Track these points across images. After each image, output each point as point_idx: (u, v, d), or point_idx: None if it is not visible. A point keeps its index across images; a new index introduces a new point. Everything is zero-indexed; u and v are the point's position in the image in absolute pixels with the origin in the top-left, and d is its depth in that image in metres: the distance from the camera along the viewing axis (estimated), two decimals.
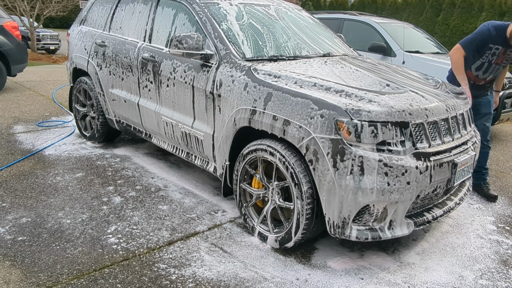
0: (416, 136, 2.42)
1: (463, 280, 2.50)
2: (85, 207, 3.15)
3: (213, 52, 3.08)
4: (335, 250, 2.74)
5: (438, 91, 2.84)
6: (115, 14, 4.25)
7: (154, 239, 2.75)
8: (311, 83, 2.58)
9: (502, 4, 11.98)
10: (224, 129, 2.94)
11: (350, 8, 15.26)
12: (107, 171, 3.86)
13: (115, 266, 2.44)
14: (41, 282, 2.27)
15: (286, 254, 2.66)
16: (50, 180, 3.60)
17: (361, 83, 2.65)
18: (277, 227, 2.74)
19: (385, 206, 2.37)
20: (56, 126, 5.26)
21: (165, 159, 4.28)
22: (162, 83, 3.46)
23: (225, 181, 3.01)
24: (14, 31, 7.12)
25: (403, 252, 2.78)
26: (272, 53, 3.18)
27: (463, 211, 3.43)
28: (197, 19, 3.28)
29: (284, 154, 2.51)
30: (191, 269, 2.46)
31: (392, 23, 6.84)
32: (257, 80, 2.75)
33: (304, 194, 2.44)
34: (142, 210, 3.15)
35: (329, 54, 3.52)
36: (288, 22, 3.67)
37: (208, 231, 2.90)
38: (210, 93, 3.03)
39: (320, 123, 2.35)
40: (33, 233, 2.75)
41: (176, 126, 3.40)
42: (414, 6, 13.74)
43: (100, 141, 4.59)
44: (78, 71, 4.69)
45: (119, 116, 4.21)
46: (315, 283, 2.39)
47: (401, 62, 6.01)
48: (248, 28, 3.28)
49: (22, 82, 8.15)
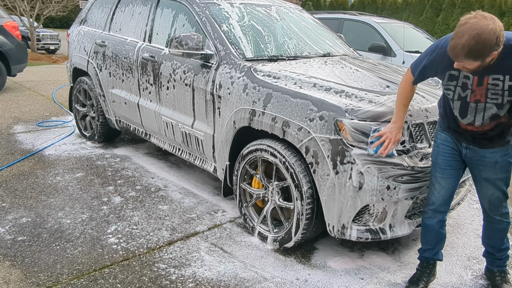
0: (416, 136, 2.42)
1: (463, 280, 2.50)
2: (85, 207, 3.15)
3: (213, 52, 3.08)
4: (335, 250, 2.74)
5: (438, 91, 2.84)
6: (115, 14, 4.25)
7: (154, 239, 2.75)
8: (311, 83, 2.58)
9: (502, 4, 11.99)
10: (224, 129, 2.94)
11: (350, 8, 15.27)
12: (107, 171, 3.86)
13: (115, 266, 2.44)
14: (41, 282, 2.27)
15: (286, 254, 2.66)
16: (50, 180, 3.60)
17: (361, 84, 2.65)
18: (277, 227, 2.74)
19: (384, 206, 2.37)
20: (56, 126, 5.25)
21: (165, 159, 4.28)
22: (162, 84, 3.46)
23: (225, 181, 3.01)
24: (14, 31, 7.12)
25: (403, 252, 2.78)
26: (272, 53, 3.18)
27: (463, 211, 3.43)
28: (197, 19, 3.28)
29: (284, 154, 2.51)
30: (191, 269, 2.46)
31: (392, 23, 6.85)
32: (257, 81, 2.75)
33: (304, 194, 2.44)
34: (142, 210, 3.15)
35: (329, 54, 3.52)
36: (289, 22, 3.67)
37: (208, 231, 2.90)
38: (210, 93, 3.03)
39: (320, 123, 2.35)
40: (33, 233, 2.75)
41: (176, 126, 3.40)
42: (414, 6, 13.76)
43: (100, 141, 4.59)
44: (78, 71, 4.69)
45: (119, 116, 4.21)
46: (315, 283, 2.39)
47: (401, 62, 6.01)
48: (248, 29, 3.28)
49: (22, 82, 8.15)
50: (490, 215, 2.27)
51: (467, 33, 1.74)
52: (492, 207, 2.25)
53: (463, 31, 1.75)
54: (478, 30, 1.72)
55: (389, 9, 14.30)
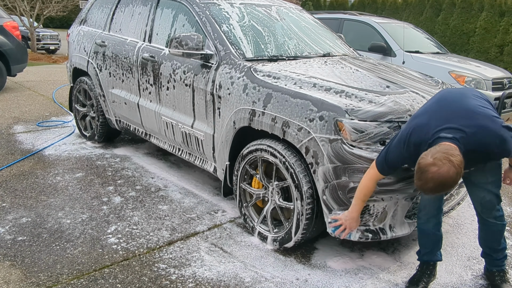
0: None
1: (463, 280, 2.50)
2: (85, 207, 3.15)
3: (213, 53, 3.08)
4: (335, 250, 2.74)
5: (438, 91, 2.83)
6: (115, 14, 4.25)
7: (154, 239, 2.75)
8: (311, 83, 2.58)
9: (502, 4, 11.97)
10: (224, 129, 2.94)
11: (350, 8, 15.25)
12: (107, 171, 3.86)
13: (115, 266, 2.44)
14: (41, 282, 2.27)
15: (286, 254, 2.66)
16: (50, 180, 3.60)
17: (361, 84, 2.65)
18: (277, 227, 2.74)
19: (384, 207, 2.37)
20: (56, 126, 5.25)
21: (165, 159, 4.28)
22: (162, 84, 3.46)
23: (225, 181, 3.01)
24: (14, 31, 7.12)
25: (403, 252, 2.78)
26: (272, 53, 3.18)
27: (463, 211, 3.43)
28: (197, 19, 3.28)
29: (284, 154, 2.51)
30: (191, 269, 2.46)
31: (392, 23, 6.85)
32: (257, 81, 2.75)
33: (304, 194, 2.44)
34: (142, 210, 3.15)
35: (329, 54, 3.52)
36: (289, 22, 3.66)
37: (208, 231, 2.90)
38: (210, 93, 3.03)
39: (320, 123, 2.35)
40: (33, 233, 2.75)
41: (176, 127, 3.40)
42: (414, 6, 13.74)
43: (100, 141, 4.59)
44: (78, 71, 4.69)
45: (119, 116, 4.21)
46: (315, 283, 2.39)
47: (401, 62, 6.01)
48: (248, 29, 3.28)
49: (22, 82, 8.15)
50: (483, 218, 2.27)
51: (431, 181, 1.79)
52: (485, 210, 2.24)
53: (426, 178, 1.78)
54: (442, 179, 1.76)
55: (389, 9, 14.29)
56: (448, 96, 2.08)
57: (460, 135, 1.88)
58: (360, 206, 2.24)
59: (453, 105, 1.99)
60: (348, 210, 2.27)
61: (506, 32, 11.76)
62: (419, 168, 1.82)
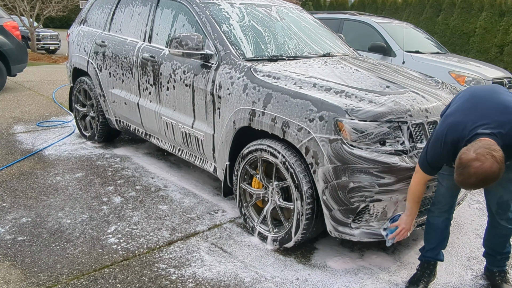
0: (416, 136, 2.42)
1: (463, 280, 2.50)
2: (85, 207, 3.15)
3: (213, 53, 3.07)
4: (335, 250, 2.74)
5: (438, 91, 2.84)
6: (115, 14, 4.25)
7: (154, 239, 2.75)
8: (311, 83, 2.58)
9: (502, 4, 11.97)
10: (224, 129, 2.94)
11: (350, 8, 15.25)
12: (107, 171, 3.86)
13: (115, 266, 2.44)
14: (41, 282, 2.27)
15: (286, 254, 2.66)
16: (50, 180, 3.60)
17: (361, 84, 2.65)
18: (277, 227, 2.74)
19: (384, 207, 2.37)
20: (56, 126, 5.25)
21: (165, 159, 4.28)
22: (162, 84, 3.46)
23: (225, 181, 3.01)
24: (14, 31, 7.12)
25: (403, 252, 2.78)
26: (272, 53, 3.18)
27: (463, 211, 3.43)
28: (197, 19, 3.28)
29: (284, 154, 2.51)
30: (191, 269, 2.46)
31: (392, 23, 6.85)
32: (257, 81, 2.75)
33: (304, 194, 2.44)
34: (142, 210, 3.15)
35: (329, 54, 3.52)
36: (289, 22, 3.66)
37: (208, 231, 2.90)
38: (210, 93, 3.03)
39: (320, 123, 2.35)
40: (33, 233, 2.75)
41: (176, 127, 3.40)
42: (414, 6, 13.74)
43: (100, 141, 4.59)
44: (78, 71, 4.69)
45: (119, 116, 4.21)
46: (315, 283, 2.39)
47: (401, 62, 6.01)
48: (249, 29, 3.28)
49: (22, 82, 8.15)
50: (496, 220, 2.26)
51: (473, 176, 1.77)
52: (500, 211, 2.22)
53: (469, 173, 1.76)
54: (485, 174, 1.74)
55: (389, 9, 14.29)
56: (480, 93, 2.06)
57: (498, 130, 1.87)
58: (416, 208, 2.27)
59: (487, 102, 1.97)
60: (405, 213, 2.30)
61: (506, 32, 11.76)
62: (460, 163, 1.79)
